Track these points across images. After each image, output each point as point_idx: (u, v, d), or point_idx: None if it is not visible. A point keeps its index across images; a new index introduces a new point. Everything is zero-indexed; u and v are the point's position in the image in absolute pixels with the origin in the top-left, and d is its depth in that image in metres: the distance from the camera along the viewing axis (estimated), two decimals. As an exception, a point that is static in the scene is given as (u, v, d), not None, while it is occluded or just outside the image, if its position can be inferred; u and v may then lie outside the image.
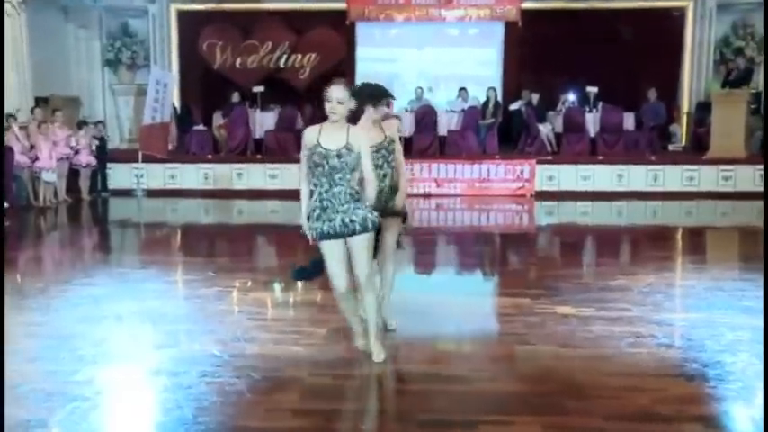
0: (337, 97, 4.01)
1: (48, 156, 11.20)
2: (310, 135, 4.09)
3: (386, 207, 4.56)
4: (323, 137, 4.05)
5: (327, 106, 4.03)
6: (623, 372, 4.19)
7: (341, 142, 4.03)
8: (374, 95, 4.49)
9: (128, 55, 15.32)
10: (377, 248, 4.45)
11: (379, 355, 4.30)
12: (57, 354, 4.46)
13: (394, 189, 4.66)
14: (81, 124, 12.62)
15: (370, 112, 4.50)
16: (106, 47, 15.36)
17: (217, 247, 8.79)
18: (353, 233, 4.08)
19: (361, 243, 4.12)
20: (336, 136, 4.04)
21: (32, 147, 11.16)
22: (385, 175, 4.57)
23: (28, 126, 11.43)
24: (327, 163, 4.01)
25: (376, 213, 4.16)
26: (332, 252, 4.13)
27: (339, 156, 4.01)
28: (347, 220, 4.06)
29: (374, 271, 4.54)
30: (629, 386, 3.96)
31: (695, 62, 15.03)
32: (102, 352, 4.52)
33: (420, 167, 12.67)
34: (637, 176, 12.73)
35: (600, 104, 14.04)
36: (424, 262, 7.94)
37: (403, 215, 4.73)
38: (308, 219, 4.12)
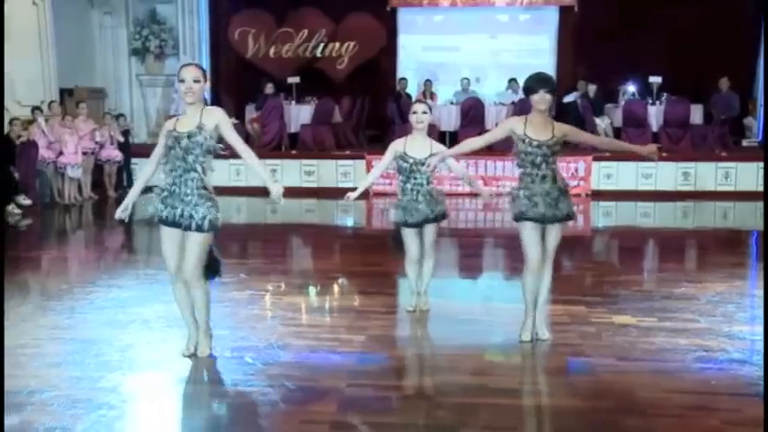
0: (193, 77, 4.29)
1: (73, 150, 11.44)
2: (168, 123, 4.43)
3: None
4: (179, 123, 4.35)
5: (182, 87, 4.30)
6: (689, 389, 4.13)
7: (193, 125, 4.29)
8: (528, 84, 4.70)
9: (156, 43, 15.52)
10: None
11: (204, 351, 4.54)
12: (82, 359, 4.57)
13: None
14: (104, 116, 12.88)
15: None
16: (133, 35, 15.59)
17: (249, 247, 8.89)
18: (188, 229, 4.34)
19: (195, 240, 4.35)
20: (190, 121, 4.31)
21: (54, 141, 11.38)
22: (544, 177, 4.66)
23: (48, 119, 11.66)
24: (179, 144, 4.28)
25: (218, 214, 4.37)
26: (167, 237, 4.43)
27: (190, 136, 4.27)
28: (186, 214, 4.32)
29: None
30: (697, 405, 3.90)
31: (775, 47, 14.62)
32: (128, 358, 4.61)
33: (466, 164, 12.55)
34: (705, 175, 12.50)
35: (664, 96, 13.82)
36: (471, 266, 7.93)
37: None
38: (155, 199, 4.40)
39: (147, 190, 4.60)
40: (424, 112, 5.27)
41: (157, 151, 4.46)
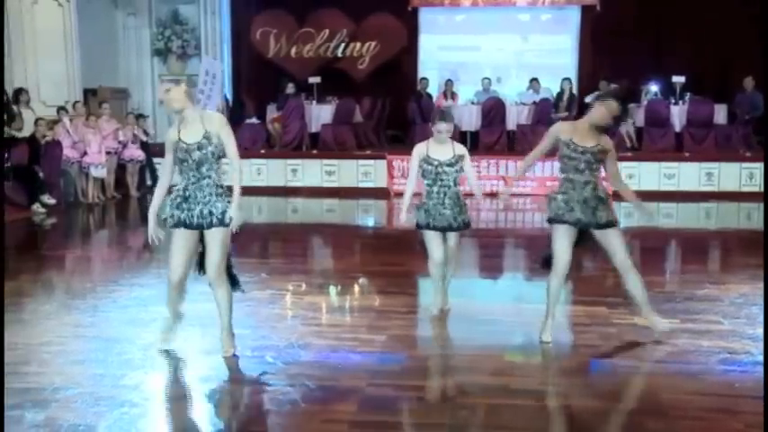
0: (165, 92, 4.37)
1: (97, 150, 11.56)
2: (172, 133, 4.41)
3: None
4: (183, 132, 4.34)
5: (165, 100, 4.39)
6: (712, 391, 4.09)
7: (198, 134, 4.32)
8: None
9: (178, 44, 15.62)
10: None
11: (228, 350, 4.56)
12: (105, 357, 4.61)
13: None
14: (127, 116, 13.00)
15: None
16: (156, 35, 15.71)
17: (270, 247, 8.93)
18: (210, 225, 4.35)
19: (217, 236, 4.37)
20: (194, 128, 4.34)
21: (78, 141, 11.50)
22: (586, 183, 4.66)
23: (73, 119, 11.79)
24: (191, 157, 4.32)
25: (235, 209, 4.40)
26: (180, 240, 4.40)
27: (200, 147, 4.31)
28: (206, 212, 4.35)
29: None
30: (719, 407, 3.87)
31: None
32: (150, 356, 4.65)
33: (487, 164, 12.60)
34: (729, 175, 12.37)
35: (687, 96, 13.68)
36: (491, 266, 7.90)
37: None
38: (168, 207, 4.41)
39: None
40: (448, 131, 5.28)
41: (168, 160, 4.45)
